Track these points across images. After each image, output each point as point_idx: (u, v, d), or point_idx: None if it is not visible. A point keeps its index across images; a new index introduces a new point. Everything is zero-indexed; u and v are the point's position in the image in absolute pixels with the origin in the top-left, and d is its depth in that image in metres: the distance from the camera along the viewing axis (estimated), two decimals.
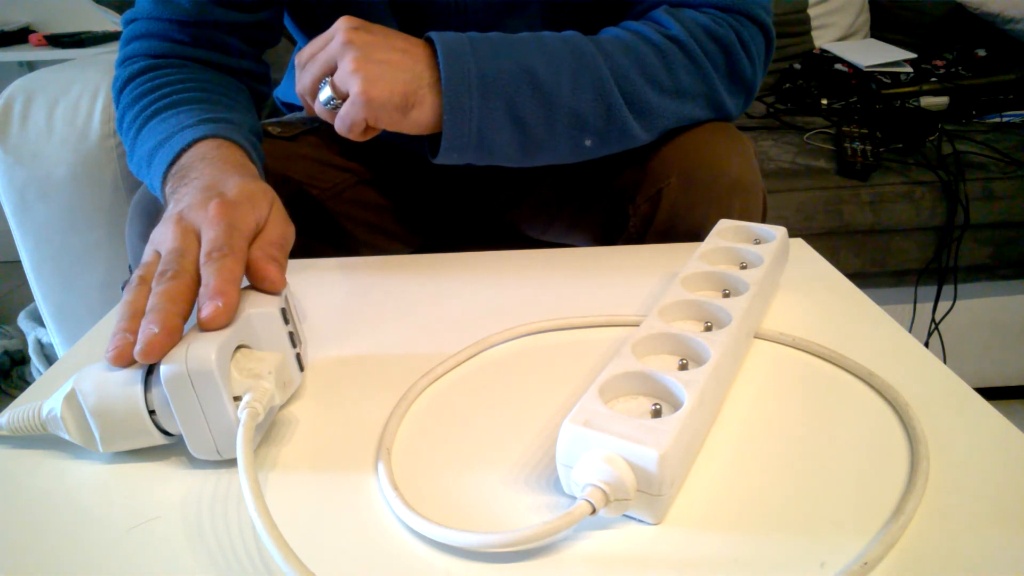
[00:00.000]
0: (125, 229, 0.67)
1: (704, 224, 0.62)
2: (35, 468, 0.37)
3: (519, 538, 0.30)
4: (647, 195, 0.66)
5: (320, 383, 0.44)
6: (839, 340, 0.46)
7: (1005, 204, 1.25)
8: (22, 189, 1.00)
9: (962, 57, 1.62)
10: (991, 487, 0.33)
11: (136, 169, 0.60)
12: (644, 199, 0.66)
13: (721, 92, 0.64)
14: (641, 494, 0.31)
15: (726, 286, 0.46)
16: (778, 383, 0.42)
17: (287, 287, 0.41)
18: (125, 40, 0.66)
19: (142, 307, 0.36)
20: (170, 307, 0.35)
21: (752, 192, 0.65)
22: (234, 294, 0.37)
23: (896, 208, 1.24)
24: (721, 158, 0.64)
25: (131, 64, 0.64)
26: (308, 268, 0.60)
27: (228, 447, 0.35)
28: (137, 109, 0.60)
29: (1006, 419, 0.38)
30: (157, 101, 0.59)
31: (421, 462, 0.36)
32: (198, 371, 0.33)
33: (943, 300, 1.32)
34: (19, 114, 0.99)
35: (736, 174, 0.64)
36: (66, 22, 2.07)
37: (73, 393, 0.35)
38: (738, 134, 0.68)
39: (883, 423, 0.38)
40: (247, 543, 0.32)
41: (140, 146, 0.58)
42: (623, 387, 0.36)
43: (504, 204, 0.83)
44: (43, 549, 0.32)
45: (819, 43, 1.73)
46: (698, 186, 0.64)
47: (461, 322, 0.50)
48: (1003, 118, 1.46)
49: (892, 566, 0.29)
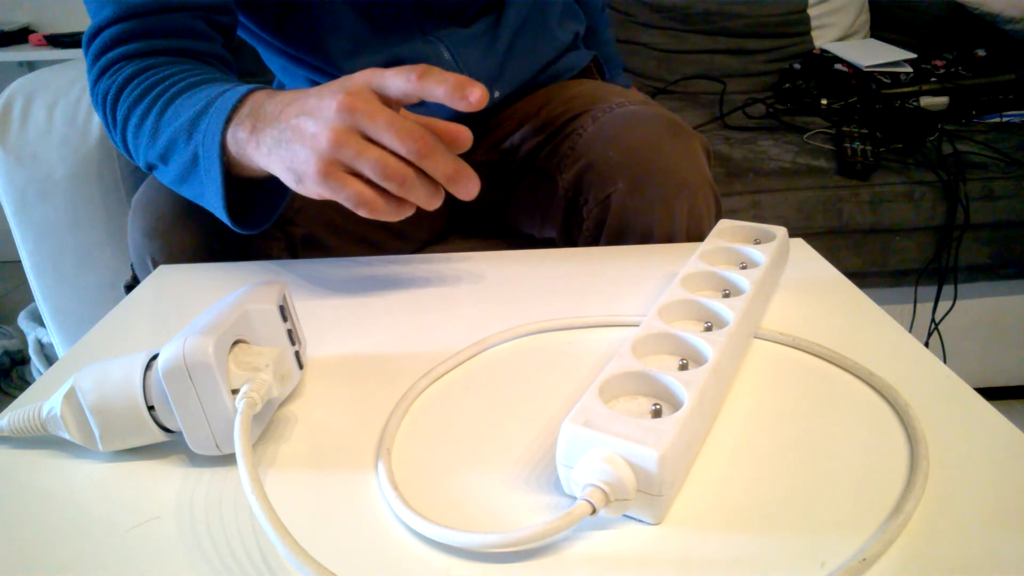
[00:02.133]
0: (127, 227, 0.67)
1: (652, 227, 0.66)
2: (35, 468, 0.37)
3: (519, 538, 0.30)
4: (597, 199, 0.69)
5: (320, 382, 0.44)
6: (839, 340, 0.46)
7: (1005, 204, 1.25)
8: (22, 189, 1.00)
9: (962, 57, 1.62)
10: (990, 487, 0.33)
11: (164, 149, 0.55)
12: (595, 203, 0.69)
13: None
14: (641, 494, 0.31)
15: (726, 286, 0.46)
16: (778, 383, 0.42)
17: (285, 286, 0.41)
18: (94, 56, 0.61)
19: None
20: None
21: (699, 192, 0.66)
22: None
23: (896, 208, 1.24)
24: (668, 160, 0.67)
25: (115, 73, 0.60)
26: (308, 268, 0.60)
27: (227, 441, 0.35)
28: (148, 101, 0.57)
29: (1006, 419, 0.38)
30: (170, 88, 0.57)
31: (421, 462, 0.36)
32: (195, 363, 0.33)
33: (943, 300, 1.32)
34: (19, 114, 0.99)
35: (683, 176, 0.66)
36: (66, 22, 2.07)
37: (73, 391, 0.35)
38: (689, 134, 0.70)
39: (883, 423, 0.38)
40: (247, 541, 0.32)
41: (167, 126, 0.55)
42: (623, 387, 0.36)
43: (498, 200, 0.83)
44: (43, 549, 0.32)
45: (819, 43, 1.73)
46: (645, 190, 0.66)
47: (461, 322, 0.50)
48: (1003, 118, 1.46)
49: (891, 564, 0.29)
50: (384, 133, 0.44)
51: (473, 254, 0.62)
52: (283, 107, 0.48)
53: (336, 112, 0.44)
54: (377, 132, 0.44)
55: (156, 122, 0.56)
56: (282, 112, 0.47)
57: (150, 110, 0.57)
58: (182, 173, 0.55)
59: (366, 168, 0.44)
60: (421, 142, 0.44)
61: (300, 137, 0.46)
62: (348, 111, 0.44)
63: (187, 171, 0.54)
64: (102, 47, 0.61)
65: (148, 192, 0.66)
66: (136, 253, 0.66)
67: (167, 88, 0.57)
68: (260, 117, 0.49)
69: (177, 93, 0.56)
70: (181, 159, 0.54)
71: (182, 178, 0.55)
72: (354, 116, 0.44)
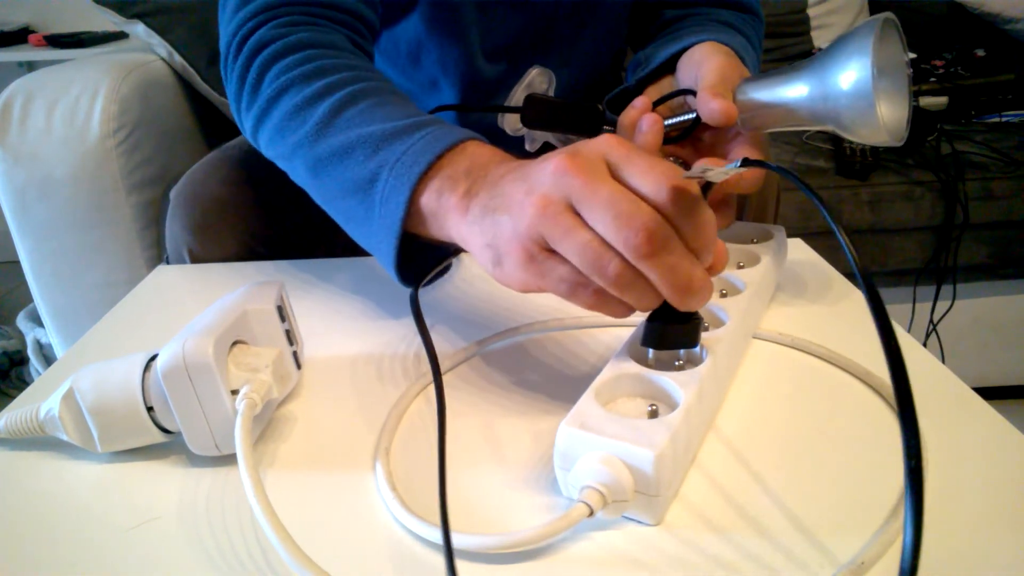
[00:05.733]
0: (166, 220, 0.66)
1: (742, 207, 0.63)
2: (34, 470, 0.37)
3: (517, 540, 0.30)
4: None
5: (319, 382, 0.44)
6: (838, 340, 0.46)
7: (1004, 204, 1.25)
8: (22, 189, 1.00)
9: (961, 57, 1.62)
10: (990, 487, 0.33)
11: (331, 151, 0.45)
12: None
13: None
14: (639, 495, 0.31)
15: (724, 286, 0.46)
16: (777, 383, 0.42)
17: (282, 286, 0.41)
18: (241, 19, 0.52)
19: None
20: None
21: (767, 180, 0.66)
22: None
23: (895, 208, 1.24)
24: None
25: (281, 27, 0.51)
26: (308, 268, 0.60)
27: (226, 442, 0.35)
28: (323, 86, 0.47)
29: (1005, 419, 0.38)
30: (356, 83, 0.47)
31: (420, 462, 0.36)
32: (195, 364, 0.33)
33: (942, 300, 1.32)
34: (19, 114, 0.99)
35: None
36: (66, 22, 2.07)
37: (71, 393, 0.35)
38: None
39: (882, 423, 0.38)
40: (247, 541, 0.32)
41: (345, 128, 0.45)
42: (620, 388, 0.36)
43: None
44: (43, 550, 0.32)
45: (819, 43, 1.73)
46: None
47: (461, 322, 0.50)
48: (1002, 118, 1.46)
49: (890, 566, 0.29)
50: (599, 211, 0.32)
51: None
52: (509, 170, 0.37)
53: (551, 175, 0.34)
54: (591, 208, 0.33)
55: (330, 117, 0.46)
56: (504, 176, 0.37)
57: (323, 97, 0.47)
58: (345, 190, 0.45)
59: (569, 254, 0.33)
60: (644, 235, 0.31)
61: (507, 205, 0.35)
62: (564, 174, 0.33)
63: (354, 191, 0.44)
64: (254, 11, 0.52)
65: (191, 186, 0.66)
66: (174, 246, 0.66)
67: (351, 81, 0.47)
68: (480, 180, 0.39)
69: (364, 93, 0.47)
70: (350, 174, 0.44)
71: (342, 194, 0.45)
72: (570, 182, 0.33)
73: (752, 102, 0.43)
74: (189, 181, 0.67)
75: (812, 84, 0.39)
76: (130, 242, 1.04)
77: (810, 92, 0.39)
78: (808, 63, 0.40)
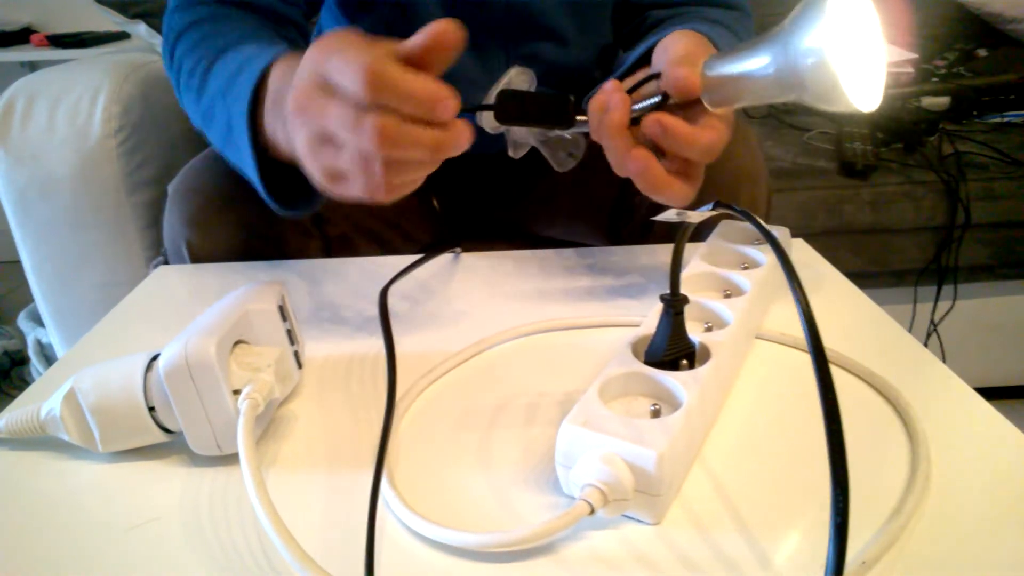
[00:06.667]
0: (164, 215, 0.65)
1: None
2: (35, 469, 0.37)
3: (517, 538, 0.29)
4: None
5: (320, 382, 0.44)
6: (839, 340, 0.46)
7: (1006, 204, 1.25)
8: (23, 189, 1.00)
9: (963, 57, 1.62)
10: (991, 487, 0.33)
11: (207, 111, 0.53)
12: None
13: None
14: (640, 494, 0.31)
15: (727, 286, 0.46)
16: (779, 383, 0.42)
17: (283, 286, 0.41)
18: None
19: None
20: None
21: (757, 182, 0.65)
22: None
23: (896, 208, 1.24)
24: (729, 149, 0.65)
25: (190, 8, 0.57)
26: (308, 268, 0.60)
27: (228, 441, 0.35)
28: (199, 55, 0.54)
29: (1006, 419, 0.38)
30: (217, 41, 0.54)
31: (421, 462, 0.36)
32: (198, 364, 0.33)
33: (943, 300, 1.32)
34: (20, 114, 0.99)
35: (740, 164, 0.64)
36: (67, 22, 2.07)
37: (72, 392, 0.35)
38: (742, 123, 0.68)
39: (883, 423, 0.38)
40: (248, 541, 0.32)
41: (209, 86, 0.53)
42: (622, 387, 0.36)
43: (512, 198, 0.82)
44: (43, 550, 0.32)
45: None
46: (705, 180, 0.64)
47: (462, 322, 0.50)
48: (1004, 118, 1.46)
49: (891, 565, 0.29)
50: (337, 74, 0.35)
51: (474, 254, 0.62)
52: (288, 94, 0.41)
53: (291, 122, 0.38)
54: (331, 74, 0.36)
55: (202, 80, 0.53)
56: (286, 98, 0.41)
57: (198, 64, 0.53)
58: (223, 140, 0.52)
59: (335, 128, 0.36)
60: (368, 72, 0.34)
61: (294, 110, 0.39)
62: (296, 115, 0.38)
63: (226, 140, 0.51)
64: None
65: (189, 180, 0.66)
66: (171, 239, 0.65)
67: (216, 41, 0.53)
68: (281, 94, 0.43)
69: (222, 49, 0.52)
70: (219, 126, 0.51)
71: (224, 145, 0.52)
72: (303, 118, 0.37)
73: (719, 76, 0.43)
74: (187, 175, 0.67)
75: (775, 51, 0.39)
76: (131, 242, 1.04)
77: (774, 59, 0.39)
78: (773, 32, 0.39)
